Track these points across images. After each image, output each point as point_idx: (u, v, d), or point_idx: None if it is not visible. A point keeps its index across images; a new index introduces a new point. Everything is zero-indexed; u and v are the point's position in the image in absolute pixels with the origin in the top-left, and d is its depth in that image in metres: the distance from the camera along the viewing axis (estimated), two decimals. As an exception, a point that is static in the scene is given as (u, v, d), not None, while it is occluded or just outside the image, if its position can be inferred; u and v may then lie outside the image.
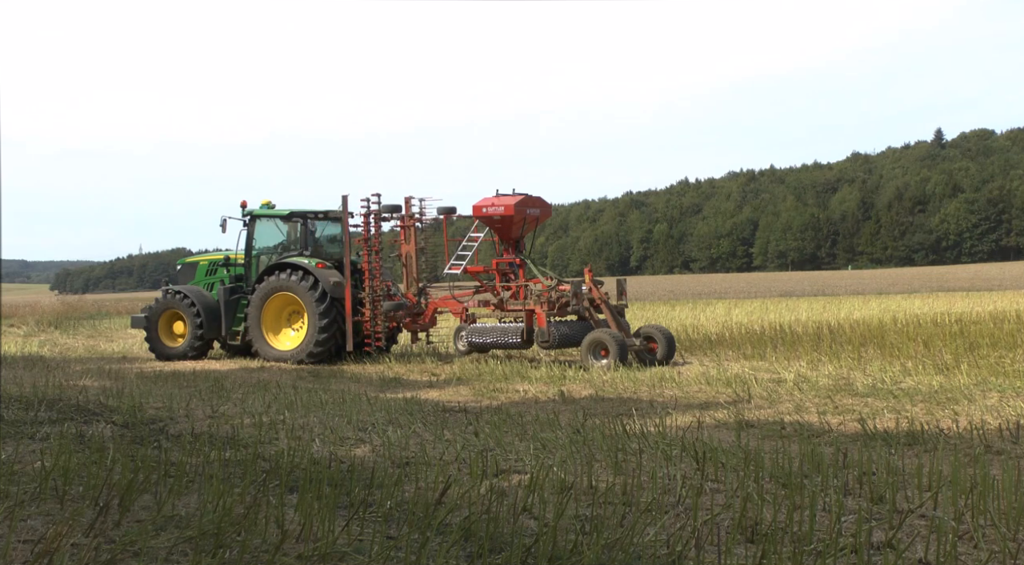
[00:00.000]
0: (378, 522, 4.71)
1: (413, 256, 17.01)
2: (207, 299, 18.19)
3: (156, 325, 18.34)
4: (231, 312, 17.89)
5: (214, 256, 19.26)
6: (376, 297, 16.60)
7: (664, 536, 4.50)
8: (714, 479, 5.92)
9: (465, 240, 16.86)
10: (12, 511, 4.70)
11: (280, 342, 17.28)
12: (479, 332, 15.75)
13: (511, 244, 16.26)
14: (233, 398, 10.73)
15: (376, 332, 16.66)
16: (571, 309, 15.32)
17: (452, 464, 6.46)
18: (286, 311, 17.36)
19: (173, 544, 4.31)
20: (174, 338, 18.34)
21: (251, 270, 18.00)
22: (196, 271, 19.20)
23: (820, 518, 4.88)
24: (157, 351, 18.30)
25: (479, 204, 16.10)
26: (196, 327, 17.90)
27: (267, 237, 18.29)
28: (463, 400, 10.82)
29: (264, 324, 17.22)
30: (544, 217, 16.79)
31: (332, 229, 18.33)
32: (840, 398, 10.10)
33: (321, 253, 17.83)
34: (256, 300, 17.21)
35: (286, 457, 6.38)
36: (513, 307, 15.67)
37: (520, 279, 16.09)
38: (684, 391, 11.20)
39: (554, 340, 14.98)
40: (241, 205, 18.20)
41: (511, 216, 15.83)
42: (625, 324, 15.48)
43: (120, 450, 6.51)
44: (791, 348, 15.38)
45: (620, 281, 16.38)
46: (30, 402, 9.76)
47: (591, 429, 7.88)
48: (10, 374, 14.07)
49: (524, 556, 4.12)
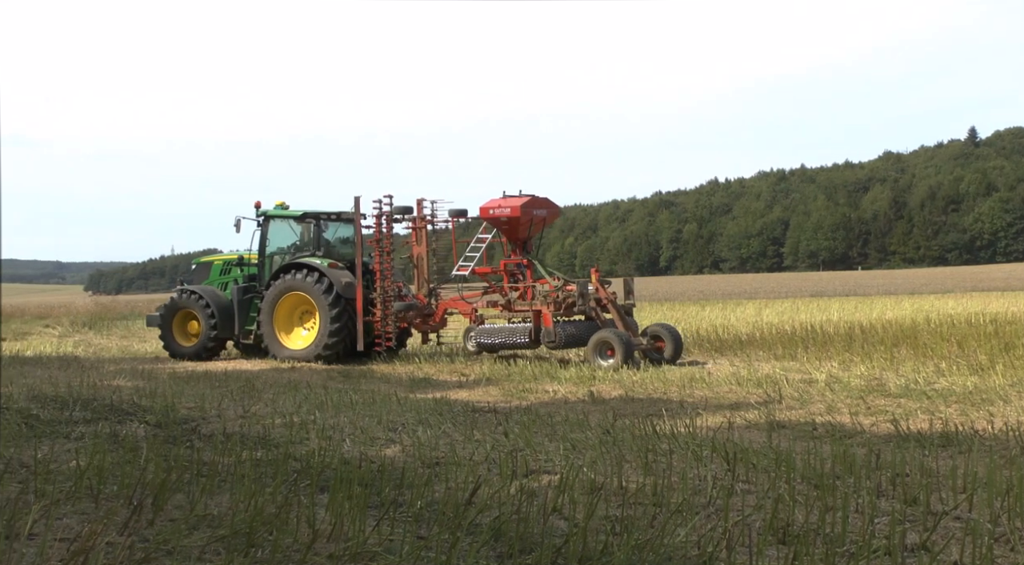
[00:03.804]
0: (408, 522, 4.72)
1: (424, 257, 17.14)
2: (221, 299, 18.37)
3: (171, 324, 18.53)
4: (244, 311, 18.07)
5: (228, 256, 19.47)
6: (387, 298, 16.70)
7: (695, 537, 4.48)
8: (745, 480, 5.89)
9: (473, 241, 16.97)
10: (48, 510, 4.76)
11: (292, 341, 17.43)
12: (487, 333, 15.86)
13: (519, 245, 16.33)
14: (264, 398, 10.79)
15: (387, 332, 16.77)
16: (577, 309, 15.40)
17: (482, 464, 6.46)
18: (298, 311, 17.51)
19: (206, 543, 4.34)
20: (188, 337, 18.53)
21: (264, 270, 18.16)
22: (210, 271, 19.41)
23: (853, 520, 4.83)
24: (171, 350, 18.50)
25: (486, 205, 16.21)
26: (210, 327, 18.07)
27: (281, 237, 18.45)
28: (492, 400, 10.82)
29: (276, 323, 17.38)
30: (552, 218, 16.87)
31: (345, 230, 18.48)
32: (872, 399, 10.01)
33: (333, 254, 17.97)
34: (269, 299, 17.38)
35: (317, 457, 6.41)
36: (520, 308, 15.74)
37: (528, 280, 16.15)
38: (714, 391, 11.15)
39: (560, 340, 15.05)
40: (255, 206, 18.39)
41: (518, 217, 15.91)
42: (633, 323, 15.52)
43: (153, 450, 6.57)
44: (822, 348, 15.26)
45: (627, 281, 16.43)
46: (65, 402, 9.87)
47: (621, 430, 7.86)
48: (45, 374, 14.24)
49: (554, 556, 4.11)
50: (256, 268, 18.40)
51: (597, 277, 15.69)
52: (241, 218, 17.98)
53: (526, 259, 16.29)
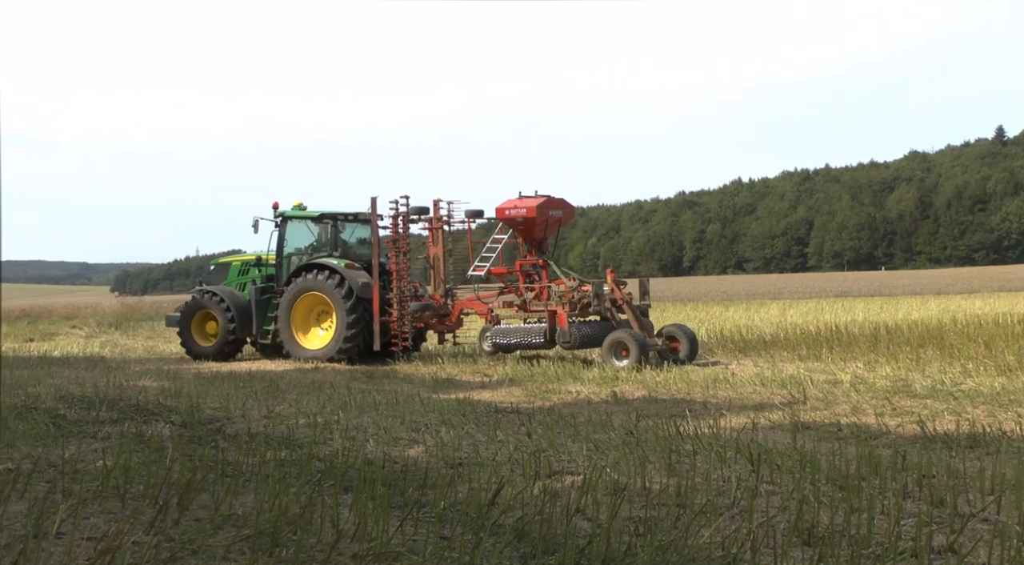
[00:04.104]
0: (432, 522, 4.73)
1: (440, 258, 17.21)
2: (239, 299, 18.49)
3: (189, 324, 18.68)
4: (262, 312, 18.19)
5: (246, 257, 19.61)
6: (403, 298, 16.78)
7: (719, 538, 4.46)
8: (769, 481, 5.86)
9: (489, 242, 17.03)
10: (76, 509, 4.80)
11: (309, 341, 17.55)
12: (503, 333, 15.94)
13: (534, 245, 16.39)
14: (288, 399, 10.84)
15: (403, 332, 16.85)
16: (592, 309, 15.46)
17: (505, 465, 6.46)
18: (315, 311, 17.62)
19: (231, 543, 4.37)
20: (207, 337, 18.66)
21: (282, 270, 18.26)
22: (229, 271, 19.56)
23: (879, 521, 4.80)
24: (190, 350, 18.65)
25: (502, 206, 16.29)
26: (228, 327, 18.21)
27: (298, 238, 18.57)
28: (515, 401, 10.82)
29: (294, 323, 17.51)
30: (567, 219, 16.92)
31: (362, 231, 18.60)
32: (898, 400, 9.94)
33: (351, 254, 18.08)
34: (286, 300, 17.50)
35: (340, 457, 6.43)
36: (536, 308, 15.81)
37: (543, 280, 16.21)
38: (738, 392, 11.10)
39: (575, 340, 15.10)
40: (273, 206, 18.53)
41: (533, 218, 15.99)
42: (648, 324, 15.56)
43: (178, 450, 6.61)
44: (847, 349, 15.16)
45: (643, 281, 16.50)
46: (92, 402, 9.96)
47: (644, 430, 7.84)
48: (72, 374, 14.36)
49: (577, 557, 4.11)
50: (274, 268, 18.52)
51: (612, 278, 15.73)
52: (259, 219, 18.12)
53: (542, 259, 16.36)
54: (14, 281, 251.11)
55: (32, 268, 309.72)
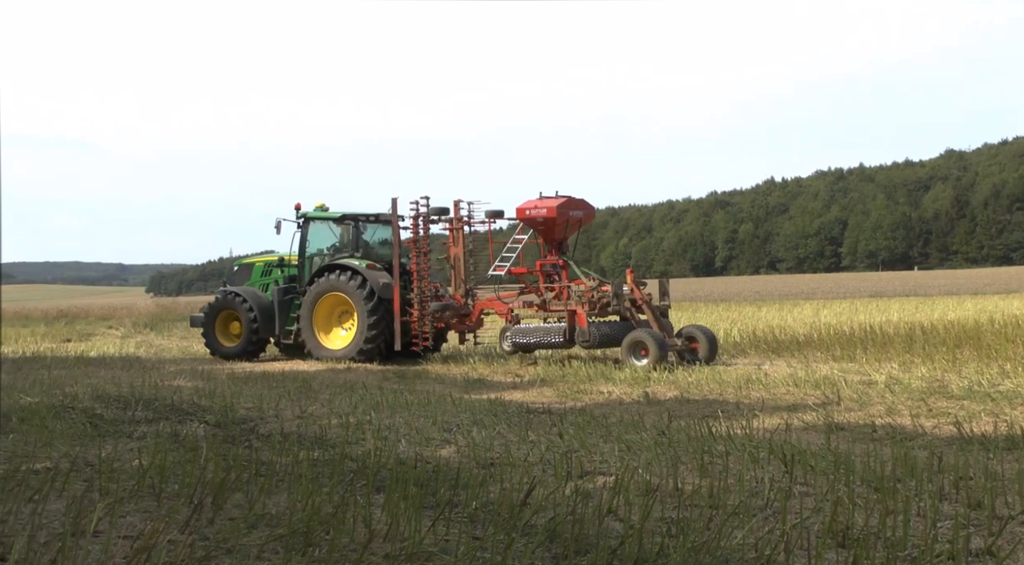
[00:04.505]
0: (464, 522, 4.74)
1: (461, 258, 17.30)
2: (261, 299, 18.65)
3: (213, 325, 18.85)
4: (285, 312, 18.31)
5: (269, 257, 19.78)
6: (424, 298, 16.87)
7: (752, 540, 4.43)
8: (803, 482, 5.81)
9: (509, 242, 17.11)
10: (112, 508, 4.85)
11: (331, 341, 17.66)
12: (523, 332, 16.01)
13: (554, 245, 16.47)
14: (321, 399, 10.90)
15: (423, 332, 16.92)
16: (611, 309, 15.50)
17: (537, 465, 6.46)
18: (337, 311, 17.73)
19: (264, 542, 4.40)
20: (231, 337, 18.82)
21: (304, 271, 18.38)
22: (252, 272, 19.72)
23: (915, 523, 4.75)
24: (214, 350, 18.82)
25: (522, 206, 16.37)
26: (251, 327, 18.37)
27: (320, 239, 18.68)
28: (547, 401, 10.81)
29: (316, 324, 17.62)
30: (587, 219, 16.99)
31: (384, 232, 18.68)
32: (934, 401, 9.83)
33: (372, 255, 18.16)
34: (308, 300, 17.62)
35: (373, 457, 6.46)
36: (555, 308, 15.88)
37: (563, 280, 16.27)
38: (771, 393, 11.03)
39: (594, 340, 15.17)
40: (295, 207, 18.65)
41: (553, 218, 16.06)
42: (668, 324, 15.61)
43: (213, 449, 6.67)
44: (882, 349, 15.02)
45: (662, 282, 16.51)
46: (128, 402, 10.07)
47: (676, 431, 7.81)
48: (109, 374, 14.53)
49: (610, 558, 4.10)
50: (296, 269, 18.67)
51: (632, 278, 15.81)
52: (281, 220, 18.27)
53: (562, 259, 16.46)
54: (52, 282, 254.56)
55: (69, 269, 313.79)
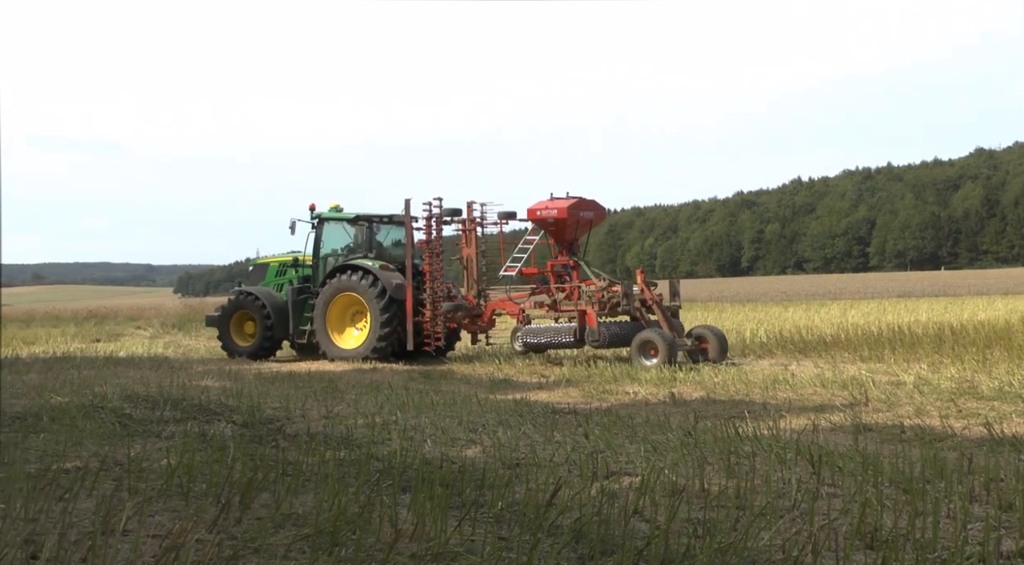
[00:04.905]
0: (489, 523, 4.74)
1: (474, 259, 17.44)
2: (276, 299, 18.83)
3: (228, 324, 19.06)
4: (299, 312, 18.48)
5: (284, 258, 19.94)
6: (436, 298, 16.98)
7: (779, 541, 4.41)
8: (830, 483, 5.77)
9: (521, 243, 17.26)
10: (141, 506, 4.89)
11: (344, 341, 17.83)
12: (533, 332, 16.21)
13: (565, 246, 16.61)
14: (347, 399, 10.94)
15: (436, 332, 17.04)
16: (621, 309, 15.64)
17: (562, 466, 6.45)
18: (350, 311, 17.90)
19: (291, 541, 4.42)
20: (245, 337, 19.04)
21: (318, 271, 18.54)
22: (267, 272, 19.94)
23: (944, 525, 4.70)
24: (229, 349, 19.01)
25: (533, 207, 16.55)
26: (265, 327, 18.54)
27: (334, 240, 18.86)
28: (572, 402, 10.80)
29: (329, 323, 17.79)
30: (598, 220, 17.16)
31: (397, 233, 18.84)
32: (964, 401, 9.74)
33: (385, 255, 18.32)
34: (322, 300, 17.79)
35: (399, 457, 6.47)
36: (566, 308, 16.02)
37: (574, 280, 16.41)
38: (798, 393, 10.96)
39: (604, 339, 15.33)
40: (310, 208, 18.84)
41: (564, 219, 16.23)
42: (678, 325, 15.74)
43: (240, 449, 6.71)
44: (910, 350, 14.90)
45: (672, 282, 16.71)
46: (156, 401, 10.15)
47: (702, 431, 7.78)
48: (137, 374, 14.64)
49: (636, 559, 4.09)
50: (311, 269, 18.80)
51: (642, 278, 15.97)
52: (296, 220, 18.47)
53: (573, 260, 16.60)
54: (82, 282, 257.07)
55: (99, 270, 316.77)
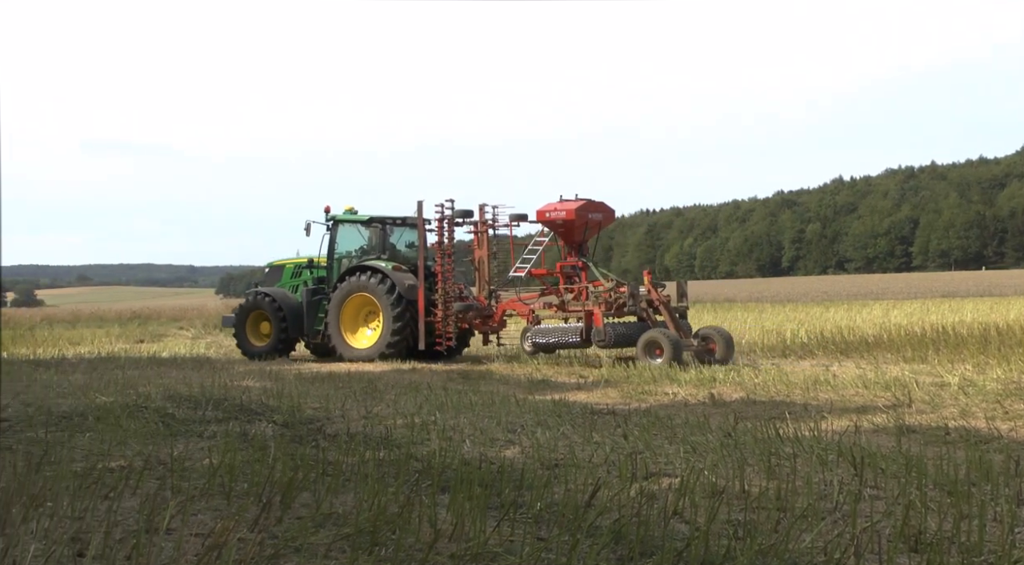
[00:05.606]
0: (528, 523, 4.74)
1: (485, 260, 17.66)
2: (291, 300, 19.14)
3: (244, 325, 19.36)
4: (313, 312, 18.74)
5: (299, 259, 20.24)
6: (448, 299, 17.19)
7: (821, 543, 4.37)
8: (873, 485, 5.71)
9: (531, 244, 17.46)
10: (184, 506, 4.95)
11: (357, 341, 18.06)
12: (542, 333, 16.49)
13: (574, 247, 16.83)
14: (386, 399, 10.99)
15: (447, 332, 17.23)
16: (628, 310, 15.88)
17: (601, 466, 6.43)
18: (363, 311, 18.13)
19: (332, 541, 4.45)
20: (261, 337, 19.33)
21: (333, 272, 18.76)
22: (283, 273, 20.23)
23: (991, 528, 4.63)
24: (244, 349, 19.28)
25: (543, 209, 16.81)
26: (280, 328, 18.80)
27: (349, 241, 19.09)
28: (611, 402, 10.77)
29: (342, 324, 18.03)
30: (607, 222, 17.48)
31: (410, 235, 19.07)
32: (1011, 403, 9.58)
33: (399, 257, 18.57)
34: (335, 301, 18.04)
35: (438, 457, 6.49)
36: (574, 308, 16.24)
37: (583, 281, 16.61)
38: (840, 394, 10.85)
39: (610, 339, 15.56)
40: (325, 210, 19.11)
41: (573, 220, 16.48)
42: (686, 325, 15.91)
43: (281, 449, 6.77)
44: (955, 351, 14.70)
45: (680, 283, 16.94)
46: (198, 401, 10.25)
47: (742, 432, 7.72)
48: (180, 374, 14.81)
49: (675, 560, 4.07)
50: (325, 271, 19.01)
51: (649, 279, 16.15)
52: (311, 222, 18.75)
53: (581, 261, 16.78)
54: (126, 283, 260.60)
55: (141, 271, 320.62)
